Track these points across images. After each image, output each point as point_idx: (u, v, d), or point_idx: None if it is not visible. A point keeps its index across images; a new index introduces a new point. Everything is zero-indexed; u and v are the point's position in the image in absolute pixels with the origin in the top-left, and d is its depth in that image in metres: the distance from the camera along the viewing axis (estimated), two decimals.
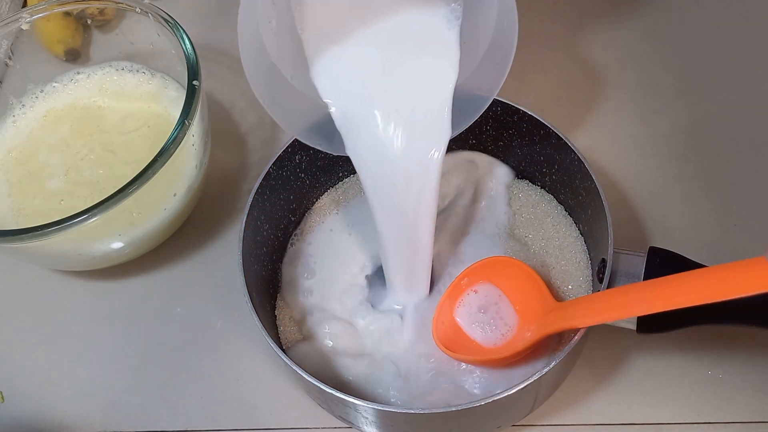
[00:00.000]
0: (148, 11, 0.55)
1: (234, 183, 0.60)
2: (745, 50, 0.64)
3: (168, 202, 0.52)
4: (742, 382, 0.48)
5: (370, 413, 0.42)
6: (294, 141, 0.50)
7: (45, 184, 0.55)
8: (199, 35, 0.55)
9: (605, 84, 0.63)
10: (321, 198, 0.55)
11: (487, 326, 0.46)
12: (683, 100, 0.62)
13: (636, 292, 0.39)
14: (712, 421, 0.47)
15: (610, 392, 0.49)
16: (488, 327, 0.46)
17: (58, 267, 0.57)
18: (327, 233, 0.53)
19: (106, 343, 0.54)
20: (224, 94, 0.66)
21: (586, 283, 0.48)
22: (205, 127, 0.54)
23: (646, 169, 0.58)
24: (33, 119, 0.59)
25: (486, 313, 0.47)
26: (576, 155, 0.47)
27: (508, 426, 0.48)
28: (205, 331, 0.54)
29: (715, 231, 0.55)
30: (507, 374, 0.45)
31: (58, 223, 0.46)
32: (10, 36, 0.59)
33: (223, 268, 0.56)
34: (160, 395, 0.52)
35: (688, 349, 0.49)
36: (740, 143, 0.59)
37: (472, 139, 0.55)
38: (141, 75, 0.60)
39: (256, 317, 0.43)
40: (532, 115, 0.50)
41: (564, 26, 0.68)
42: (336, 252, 0.52)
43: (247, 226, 0.47)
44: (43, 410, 0.52)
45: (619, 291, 0.41)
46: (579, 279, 0.49)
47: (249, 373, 0.52)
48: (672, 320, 0.42)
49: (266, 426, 0.50)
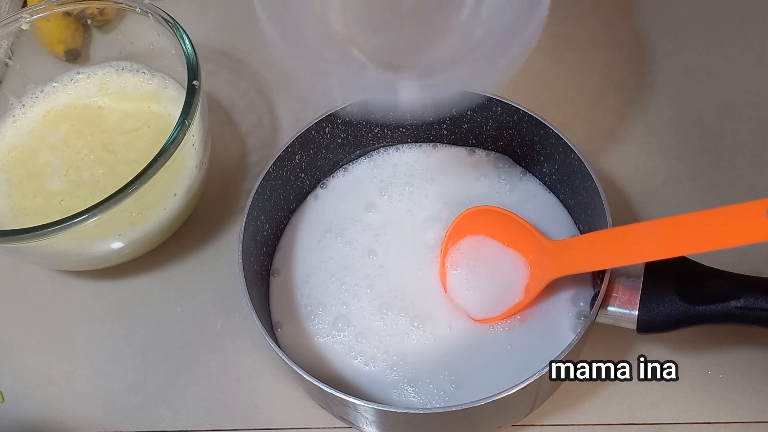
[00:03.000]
0: (148, 11, 0.55)
1: (234, 183, 0.60)
2: (746, 50, 0.64)
3: (168, 202, 0.52)
4: (742, 382, 0.48)
5: (370, 413, 0.42)
6: (294, 141, 0.50)
7: (45, 184, 0.55)
8: (199, 35, 0.55)
9: (605, 84, 0.63)
10: None
11: (493, 281, 0.48)
12: (683, 100, 0.62)
13: (665, 228, 0.39)
14: (712, 421, 0.47)
15: (610, 392, 0.49)
16: (495, 280, 0.48)
17: (58, 267, 0.57)
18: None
19: (106, 343, 0.54)
20: (224, 94, 0.66)
21: (587, 283, 0.48)
22: (205, 127, 0.54)
23: (646, 169, 0.58)
24: (33, 119, 0.59)
25: (490, 267, 0.48)
26: (576, 155, 0.47)
27: (508, 426, 0.48)
28: (205, 331, 0.54)
29: None
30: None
31: (58, 223, 0.46)
32: (10, 36, 0.59)
33: (223, 268, 0.56)
34: (160, 395, 0.52)
35: (688, 349, 0.49)
36: (740, 143, 0.59)
37: (472, 138, 0.55)
38: (141, 75, 0.60)
39: (256, 317, 0.43)
40: (532, 115, 0.50)
41: (564, 26, 0.68)
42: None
43: (247, 226, 0.47)
44: (43, 410, 0.52)
45: (647, 226, 0.40)
46: (579, 279, 0.49)
47: (249, 373, 0.52)
48: (672, 320, 0.42)
49: (266, 426, 0.50)
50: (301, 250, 0.52)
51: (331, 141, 0.53)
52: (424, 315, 0.48)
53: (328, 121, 0.51)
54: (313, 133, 0.51)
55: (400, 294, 0.49)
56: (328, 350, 0.48)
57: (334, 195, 0.55)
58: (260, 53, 0.68)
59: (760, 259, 0.53)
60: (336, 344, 0.48)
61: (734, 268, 0.43)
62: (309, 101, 0.55)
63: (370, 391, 0.46)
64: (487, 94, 0.50)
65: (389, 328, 0.48)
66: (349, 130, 0.53)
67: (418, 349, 0.47)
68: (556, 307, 0.48)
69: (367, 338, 0.48)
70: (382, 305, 0.49)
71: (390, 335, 0.48)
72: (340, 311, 0.49)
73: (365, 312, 0.49)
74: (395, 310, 0.48)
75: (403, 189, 0.54)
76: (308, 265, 0.51)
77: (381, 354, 0.47)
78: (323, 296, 0.50)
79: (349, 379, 0.47)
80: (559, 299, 0.48)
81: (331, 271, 0.51)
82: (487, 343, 0.47)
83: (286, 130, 0.63)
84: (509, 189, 0.53)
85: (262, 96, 0.65)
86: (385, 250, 0.51)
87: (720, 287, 0.42)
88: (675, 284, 0.43)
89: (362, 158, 0.56)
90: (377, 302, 0.49)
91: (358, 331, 0.48)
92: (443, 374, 0.46)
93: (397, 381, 0.46)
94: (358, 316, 0.49)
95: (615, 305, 0.43)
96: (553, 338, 0.46)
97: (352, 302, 0.49)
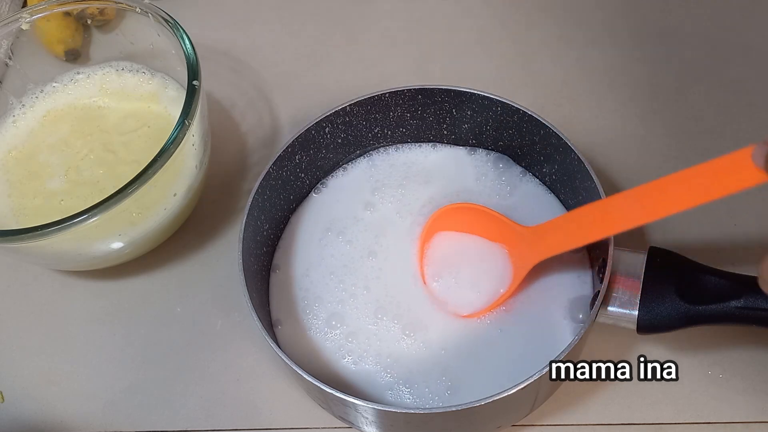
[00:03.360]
0: (148, 11, 0.55)
1: (234, 183, 0.60)
2: (745, 50, 0.64)
3: (168, 202, 0.52)
4: (742, 382, 0.48)
5: (370, 413, 0.42)
6: (294, 141, 0.50)
7: (45, 184, 0.55)
8: (199, 35, 0.55)
9: (605, 84, 0.63)
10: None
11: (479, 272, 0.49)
12: (683, 100, 0.62)
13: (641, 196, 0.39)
14: (712, 421, 0.47)
15: (610, 392, 0.49)
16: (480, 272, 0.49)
17: (58, 267, 0.57)
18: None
19: (106, 343, 0.54)
20: (224, 94, 0.66)
21: (587, 282, 0.48)
22: (205, 127, 0.54)
23: (646, 169, 0.58)
24: (33, 119, 0.59)
25: (470, 261, 0.49)
26: (576, 155, 0.47)
27: (508, 426, 0.48)
28: (205, 331, 0.54)
29: (715, 231, 0.55)
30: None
31: (58, 223, 0.46)
32: (10, 36, 0.59)
33: (223, 268, 0.56)
34: (160, 395, 0.52)
35: (688, 349, 0.49)
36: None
37: (472, 139, 0.55)
38: (141, 75, 0.60)
39: (256, 317, 0.43)
40: (532, 115, 0.50)
41: (564, 26, 0.68)
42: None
43: (247, 226, 0.47)
44: (43, 410, 0.52)
45: (626, 194, 0.40)
46: (579, 279, 0.49)
47: (249, 373, 0.52)
48: (672, 320, 0.42)
49: (266, 426, 0.50)
50: (301, 246, 0.52)
51: (331, 141, 0.53)
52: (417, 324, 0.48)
53: (328, 121, 0.51)
54: (313, 133, 0.51)
55: (395, 300, 0.49)
56: (320, 347, 0.48)
57: (334, 195, 0.55)
58: (260, 53, 0.68)
59: (761, 259, 0.53)
60: (327, 341, 0.48)
61: (734, 268, 0.43)
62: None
63: (364, 391, 0.46)
64: (487, 94, 0.50)
65: (381, 332, 0.48)
66: (349, 130, 0.53)
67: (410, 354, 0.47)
68: (556, 307, 0.48)
69: (357, 338, 0.48)
70: (377, 309, 0.49)
71: (381, 340, 0.48)
72: (335, 309, 0.49)
73: (359, 313, 0.49)
74: (390, 316, 0.48)
75: (402, 189, 0.54)
76: (308, 261, 0.52)
77: (372, 356, 0.47)
78: (321, 291, 0.50)
79: (341, 377, 0.47)
80: (559, 299, 0.48)
81: (331, 268, 0.51)
82: (486, 343, 0.47)
83: (286, 130, 0.63)
84: (509, 189, 0.53)
85: (262, 96, 0.65)
86: (385, 252, 0.51)
87: (720, 287, 0.42)
88: (675, 284, 0.43)
89: (362, 158, 0.56)
90: (373, 306, 0.49)
91: (350, 330, 0.48)
92: (440, 379, 0.46)
93: (393, 383, 0.46)
94: (352, 316, 0.49)
95: (615, 305, 0.43)
96: (553, 338, 0.46)
97: (348, 301, 0.49)
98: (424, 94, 0.52)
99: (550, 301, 0.48)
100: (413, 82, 0.52)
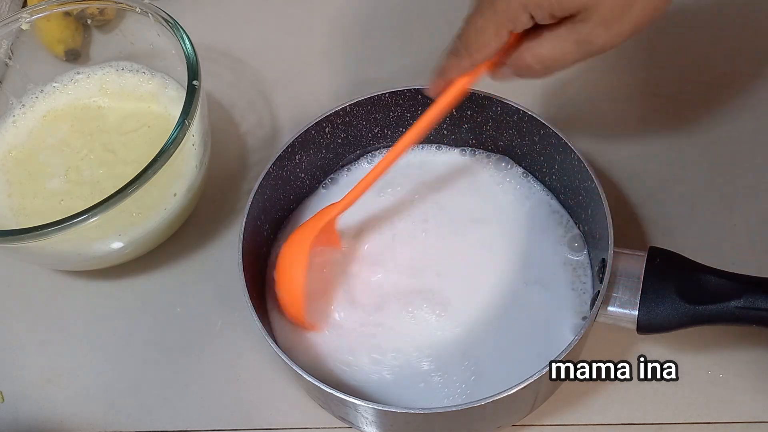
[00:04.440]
0: (148, 11, 0.55)
1: (234, 183, 0.60)
2: (745, 51, 0.64)
3: (168, 202, 0.52)
4: (742, 382, 0.48)
5: (370, 413, 0.42)
6: (294, 141, 0.50)
7: (45, 184, 0.55)
8: (199, 35, 0.55)
9: (605, 84, 0.63)
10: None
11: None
12: (683, 100, 0.62)
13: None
14: (712, 421, 0.47)
15: (610, 392, 0.49)
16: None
17: (58, 267, 0.57)
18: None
19: (106, 343, 0.54)
20: (224, 94, 0.66)
21: (587, 283, 0.48)
22: (205, 127, 0.54)
23: (646, 169, 0.58)
24: (33, 119, 0.59)
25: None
26: (576, 155, 0.47)
27: (508, 426, 0.48)
28: (205, 331, 0.54)
29: (715, 231, 0.55)
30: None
31: (58, 223, 0.46)
32: (10, 36, 0.59)
33: (223, 268, 0.56)
34: (160, 395, 0.52)
35: (688, 349, 0.49)
36: (740, 143, 0.59)
37: (472, 139, 0.55)
38: (141, 75, 0.60)
39: (256, 317, 0.43)
40: (532, 115, 0.50)
41: None
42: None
43: (247, 226, 0.47)
44: (43, 410, 0.52)
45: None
46: (579, 279, 0.49)
47: (249, 373, 0.52)
48: (672, 320, 0.42)
49: (266, 426, 0.50)
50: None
51: (331, 141, 0.53)
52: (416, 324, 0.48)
53: (328, 121, 0.51)
54: (313, 133, 0.51)
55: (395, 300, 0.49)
56: (320, 347, 0.48)
57: (334, 195, 0.55)
58: (260, 53, 0.68)
59: (761, 259, 0.53)
60: (327, 341, 0.48)
61: (734, 268, 0.43)
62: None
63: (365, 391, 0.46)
64: (487, 94, 0.50)
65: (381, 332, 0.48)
66: (349, 130, 0.53)
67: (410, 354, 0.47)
68: (556, 307, 0.48)
69: (357, 338, 0.48)
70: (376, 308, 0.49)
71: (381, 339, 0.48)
72: (334, 308, 0.49)
73: (358, 313, 0.49)
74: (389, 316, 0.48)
75: (402, 189, 0.54)
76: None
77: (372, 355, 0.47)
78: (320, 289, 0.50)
79: (341, 377, 0.47)
80: (559, 300, 0.48)
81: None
82: (485, 344, 0.47)
83: (286, 130, 0.63)
84: (509, 190, 0.53)
85: (262, 96, 0.65)
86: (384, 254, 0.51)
87: (720, 287, 0.42)
88: (675, 284, 0.43)
89: (362, 158, 0.56)
90: (372, 305, 0.49)
91: (350, 330, 0.48)
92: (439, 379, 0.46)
93: (393, 382, 0.46)
94: (351, 315, 0.49)
95: (615, 305, 0.43)
96: (553, 338, 0.46)
97: (346, 301, 0.49)
98: (424, 94, 0.52)
99: (550, 301, 0.48)
100: (413, 82, 0.52)
